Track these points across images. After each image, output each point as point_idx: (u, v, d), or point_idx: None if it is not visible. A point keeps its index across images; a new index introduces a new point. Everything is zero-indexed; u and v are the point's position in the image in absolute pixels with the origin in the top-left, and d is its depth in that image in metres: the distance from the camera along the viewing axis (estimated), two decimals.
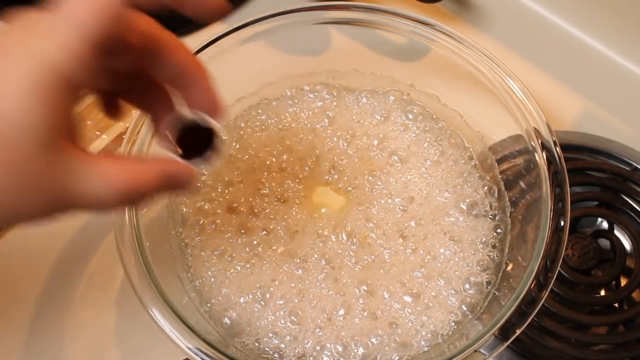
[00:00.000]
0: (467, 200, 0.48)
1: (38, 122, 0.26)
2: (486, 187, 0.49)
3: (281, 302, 0.44)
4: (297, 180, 0.49)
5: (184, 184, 0.33)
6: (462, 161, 0.50)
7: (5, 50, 0.26)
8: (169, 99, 0.35)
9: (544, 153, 0.44)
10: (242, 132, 0.51)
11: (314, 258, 0.46)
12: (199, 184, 0.46)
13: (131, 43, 0.31)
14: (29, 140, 0.26)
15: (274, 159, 0.50)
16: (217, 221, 0.47)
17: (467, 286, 0.45)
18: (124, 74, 0.33)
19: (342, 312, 0.44)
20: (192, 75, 0.33)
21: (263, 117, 0.52)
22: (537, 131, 0.45)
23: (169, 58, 0.32)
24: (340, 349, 0.43)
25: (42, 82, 0.26)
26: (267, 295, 0.44)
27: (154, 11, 0.31)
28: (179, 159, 0.34)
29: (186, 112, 0.34)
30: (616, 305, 0.50)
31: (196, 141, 0.34)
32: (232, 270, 0.45)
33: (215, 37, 0.47)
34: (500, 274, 0.45)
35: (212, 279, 0.45)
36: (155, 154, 0.45)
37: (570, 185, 0.43)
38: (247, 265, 0.45)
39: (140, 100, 0.36)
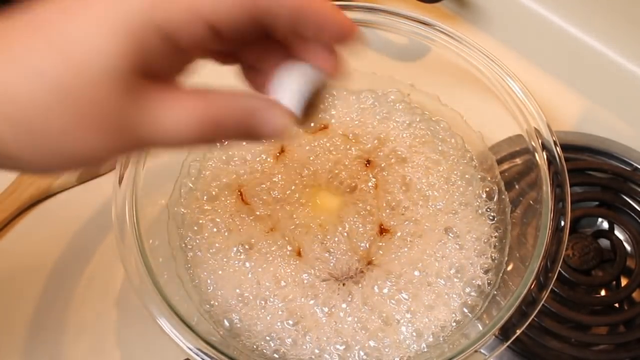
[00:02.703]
0: (468, 200, 0.48)
1: (113, 61, 0.25)
2: (487, 188, 0.49)
3: (281, 303, 0.44)
4: (297, 181, 0.49)
5: (271, 124, 0.29)
6: (463, 161, 0.50)
7: None
8: (281, 49, 0.31)
9: (544, 153, 0.44)
10: None
11: (313, 259, 0.46)
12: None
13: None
14: (102, 76, 0.25)
15: (273, 160, 0.49)
16: (217, 220, 0.47)
17: (467, 287, 0.45)
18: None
19: (342, 311, 0.44)
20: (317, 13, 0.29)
21: None
22: (537, 131, 0.45)
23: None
24: (341, 348, 0.43)
25: (123, 24, 0.25)
26: (267, 295, 0.44)
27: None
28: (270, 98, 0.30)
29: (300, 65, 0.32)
30: (616, 305, 0.50)
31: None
32: (231, 271, 0.45)
33: None
34: (501, 274, 0.45)
35: (212, 279, 0.45)
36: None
37: (571, 186, 0.43)
38: (247, 265, 0.45)
39: (250, 56, 0.32)
